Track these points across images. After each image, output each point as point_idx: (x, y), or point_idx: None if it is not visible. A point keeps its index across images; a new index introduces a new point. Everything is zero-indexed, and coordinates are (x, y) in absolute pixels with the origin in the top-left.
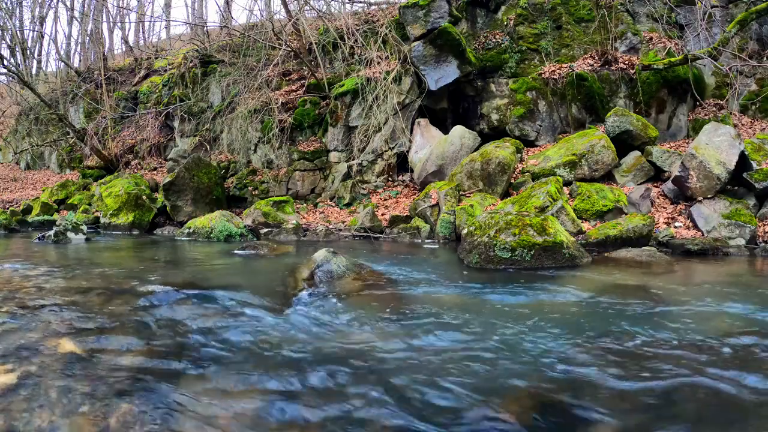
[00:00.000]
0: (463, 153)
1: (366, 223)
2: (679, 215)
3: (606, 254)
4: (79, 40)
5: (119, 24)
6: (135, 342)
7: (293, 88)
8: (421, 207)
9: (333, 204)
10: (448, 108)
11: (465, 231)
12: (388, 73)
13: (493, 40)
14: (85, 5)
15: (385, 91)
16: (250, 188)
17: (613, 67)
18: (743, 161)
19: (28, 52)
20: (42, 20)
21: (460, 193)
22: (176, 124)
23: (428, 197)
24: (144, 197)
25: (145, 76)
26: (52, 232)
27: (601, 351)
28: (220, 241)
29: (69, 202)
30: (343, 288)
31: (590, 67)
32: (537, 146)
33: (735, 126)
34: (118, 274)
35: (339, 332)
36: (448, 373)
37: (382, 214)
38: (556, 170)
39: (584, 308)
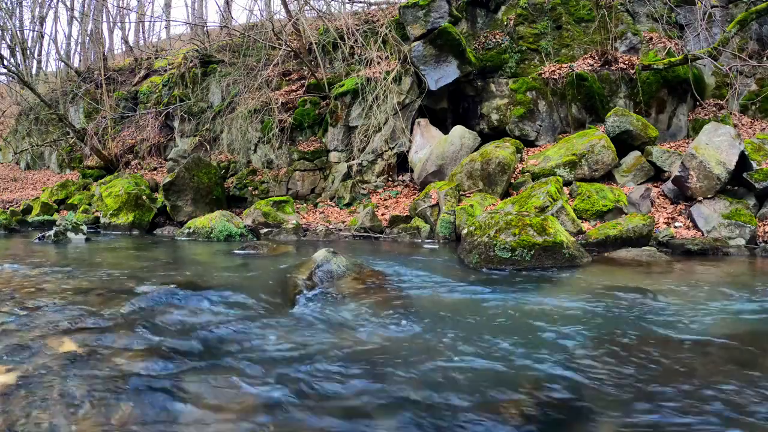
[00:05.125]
0: (463, 153)
1: (366, 223)
2: (679, 215)
3: (606, 254)
4: (79, 40)
5: (119, 24)
6: (135, 342)
7: (293, 88)
8: (421, 207)
9: (333, 204)
10: (448, 108)
11: (465, 231)
12: (388, 73)
13: (493, 40)
14: (85, 5)
15: (385, 91)
16: (250, 188)
17: (613, 67)
18: (743, 161)
19: (28, 52)
20: (42, 20)
21: (460, 193)
22: (176, 124)
23: (428, 197)
24: (144, 197)
25: (145, 76)
26: (52, 232)
27: (601, 351)
28: (220, 241)
29: (69, 202)
30: (343, 288)
31: (590, 67)
32: (537, 146)
33: (735, 126)
34: (118, 274)
35: (339, 332)
36: (448, 372)
37: (382, 214)
38: (556, 170)
39: (584, 308)
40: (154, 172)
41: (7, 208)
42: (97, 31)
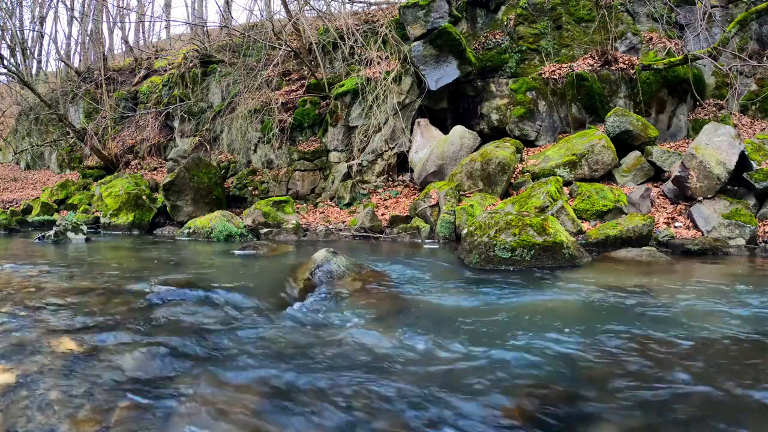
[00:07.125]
0: (463, 153)
1: (366, 223)
2: (679, 215)
3: (606, 254)
4: (79, 40)
5: (119, 24)
6: (135, 341)
7: (293, 88)
8: (421, 207)
9: (333, 204)
10: (448, 108)
11: (465, 231)
12: (388, 73)
13: (493, 40)
14: (85, 5)
15: (385, 91)
16: (250, 188)
17: (613, 67)
18: (743, 161)
19: (28, 52)
20: (42, 20)
21: (460, 193)
22: (176, 124)
23: (428, 197)
24: (144, 197)
25: (145, 76)
26: (52, 232)
27: (601, 351)
28: (220, 241)
29: (69, 202)
30: (342, 288)
31: (590, 67)
32: (537, 146)
33: (735, 126)
34: (118, 273)
35: (338, 332)
36: (446, 372)
37: (382, 214)
38: (556, 170)
39: (584, 308)
40: (154, 172)
41: (7, 208)
42: (97, 31)
